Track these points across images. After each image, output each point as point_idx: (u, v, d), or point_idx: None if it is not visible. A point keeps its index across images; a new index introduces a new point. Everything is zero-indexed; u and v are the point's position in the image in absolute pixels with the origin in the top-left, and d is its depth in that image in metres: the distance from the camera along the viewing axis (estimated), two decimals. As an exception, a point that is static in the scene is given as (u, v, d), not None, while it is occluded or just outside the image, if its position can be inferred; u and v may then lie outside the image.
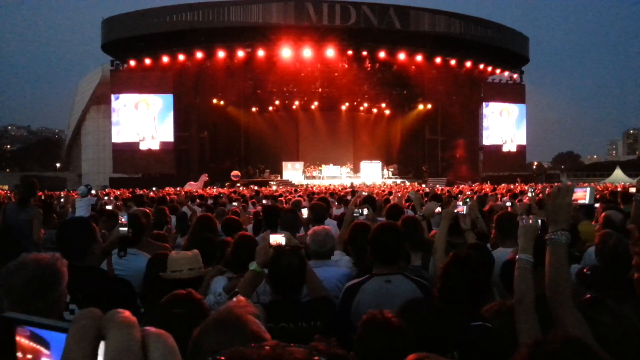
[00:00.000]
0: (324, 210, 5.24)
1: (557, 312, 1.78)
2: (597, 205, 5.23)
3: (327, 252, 3.42)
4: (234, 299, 1.76)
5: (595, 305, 1.77)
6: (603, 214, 4.30)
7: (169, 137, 29.37)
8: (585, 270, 2.69)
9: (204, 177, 25.71)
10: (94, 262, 2.84)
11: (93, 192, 8.66)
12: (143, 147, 29.18)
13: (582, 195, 2.09)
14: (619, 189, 13.28)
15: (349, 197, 9.39)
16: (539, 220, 2.20)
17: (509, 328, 1.93)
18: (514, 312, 1.92)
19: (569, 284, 1.86)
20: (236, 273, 3.04)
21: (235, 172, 28.59)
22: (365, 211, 4.53)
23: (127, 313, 0.49)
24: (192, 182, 25.13)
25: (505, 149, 33.53)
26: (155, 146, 29.26)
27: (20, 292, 1.87)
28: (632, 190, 9.41)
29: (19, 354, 0.47)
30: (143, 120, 29.19)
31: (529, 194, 7.41)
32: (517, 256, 2.03)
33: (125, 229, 3.39)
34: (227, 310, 1.31)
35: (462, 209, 3.79)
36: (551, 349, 1.19)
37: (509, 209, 6.08)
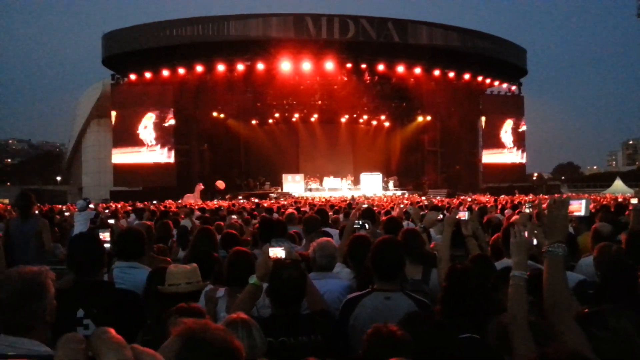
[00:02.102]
0: (318, 223, 5.25)
1: (555, 323, 1.78)
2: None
3: (332, 265, 3.43)
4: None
5: (593, 320, 1.76)
6: (593, 227, 4.32)
7: (170, 150, 29.46)
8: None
9: (199, 187, 25.72)
10: (102, 276, 2.86)
11: (92, 206, 8.67)
12: (143, 160, 29.23)
13: (578, 207, 2.10)
14: (619, 200, 13.33)
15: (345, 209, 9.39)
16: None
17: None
18: (508, 329, 1.91)
19: (567, 296, 1.85)
20: (232, 288, 3.05)
21: (220, 182, 28.47)
22: (367, 226, 4.52)
23: (112, 331, 0.49)
24: (189, 195, 25.13)
25: (505, 160, 33.55)
26: (156, 159, 29.31)
27: (4, 305, 1.89)
28: (634, 201, 9.42)
29: None
30: (144, 133, 29.26)
31: (527, 210, 7.41)
32: (510, 273, 2.02)
33: (108, 245, 3.37)
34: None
35: (463, 215, 3.78)
36: None
37: (505, 220, 6.08)
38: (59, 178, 56.64)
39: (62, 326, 2.25)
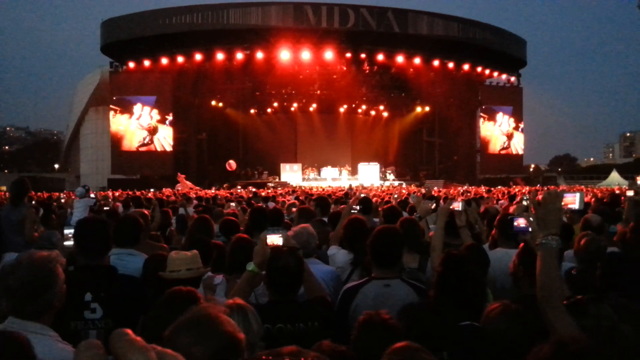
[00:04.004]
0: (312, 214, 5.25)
1: (548, 315, 1.79)
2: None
3: (310, 252, 3.43)
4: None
5: (574, 310, 1.77)
6: (583, 217, 4.36)
7: (168, 139, 29.41)
8: (572, 271, 2.72)
9: (181, 176, 25.97)
10: (109, 261, 2.88)
11: (92, 195, 8.69)
12: (141, 148, 29.18)
13: (572, 200, 2.12)
14: (616, 192, 13.39)
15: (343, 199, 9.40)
16: None
17: (514, 329, 1.94)
18: (541, 309, 1.88)
19: (560, 288, 1.86)
20: (232, 275, 3.07)
21: (231, 162, 28.54)
22: (357, 207, 4.48)
23: (132, 333, 0.48)
24: (178, 187, 25.16)
25: (502, 151, 33.57)
26: (154, 147, 29.26)
27: (16, 294, 1.90)
28: (630, 193, 9.49)
29: None
30: (142, 121, 29.18)
31: (524, 202, 7.47)
32: (537, 241, 1.95)
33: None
34: (199, 310, 1.28)
35: (457, 205, 3.80)
36: (576, 349, 1.19)
37: (502, 209, 6.11)
38: (56, 166, 56.57)
39: (70, 309, 2.27)
